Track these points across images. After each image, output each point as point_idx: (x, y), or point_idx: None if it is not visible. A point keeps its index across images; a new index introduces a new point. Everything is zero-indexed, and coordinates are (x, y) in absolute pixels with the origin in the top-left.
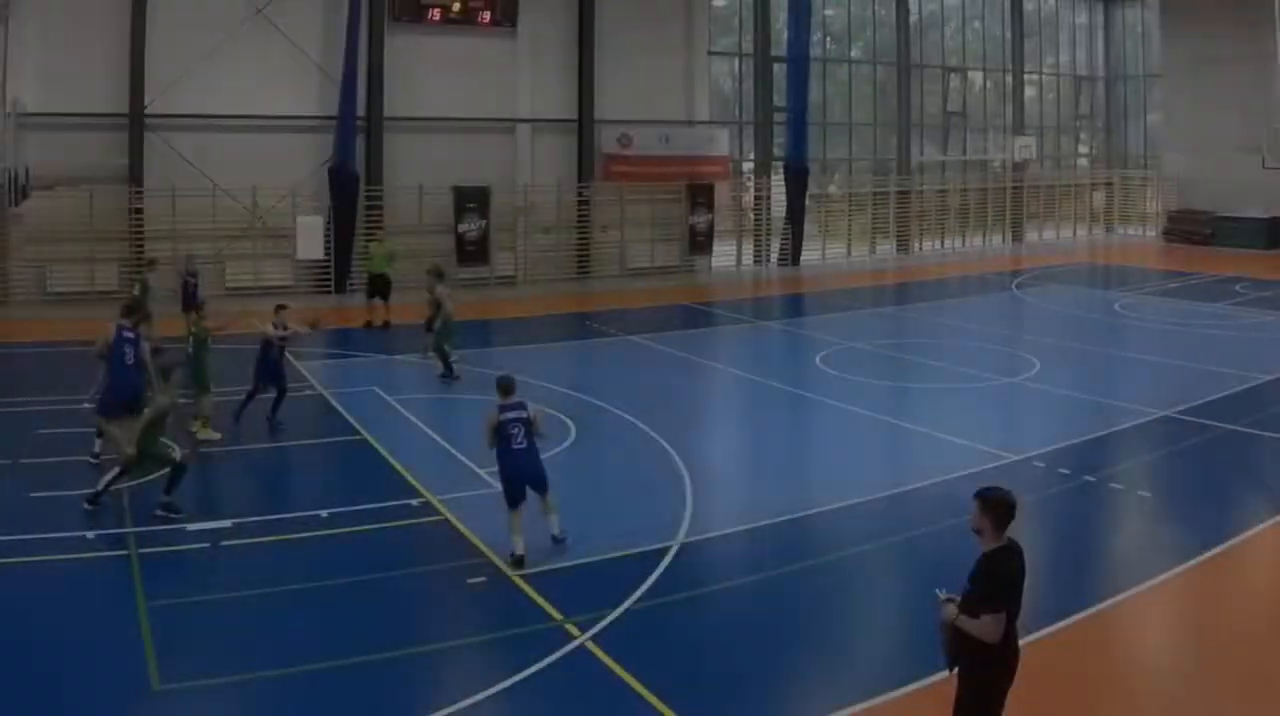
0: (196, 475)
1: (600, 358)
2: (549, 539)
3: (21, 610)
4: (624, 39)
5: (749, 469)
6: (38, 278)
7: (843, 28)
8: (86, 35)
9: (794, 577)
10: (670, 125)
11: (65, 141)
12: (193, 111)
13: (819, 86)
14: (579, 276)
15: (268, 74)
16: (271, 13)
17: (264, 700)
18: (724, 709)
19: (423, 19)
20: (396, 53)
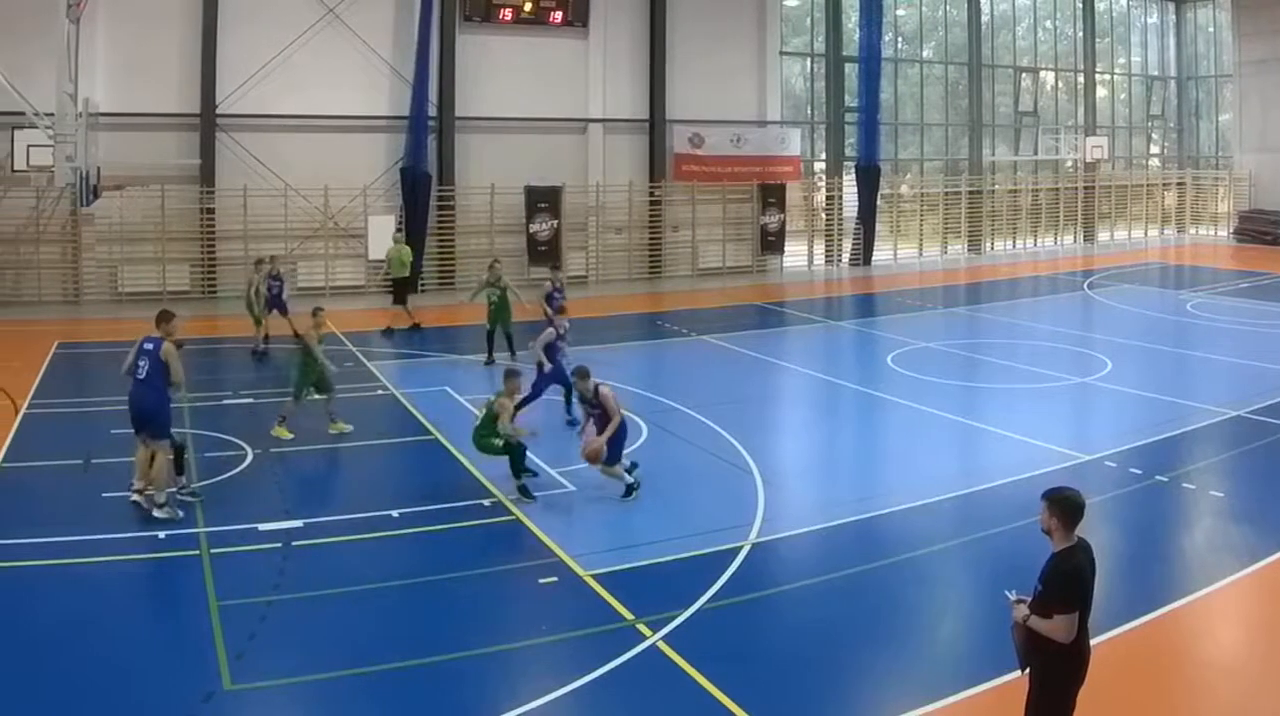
0: (268, 476)
1: (672, 357)
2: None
3: (95, 610)
4: (695, 38)
5: (820, 468)
6: (109, 277)
7: (914, 28)
8: (158, 35)
9: (865, 577)
10: (742, 125)
11: (136, 141)
12: (264, 112)
13: (891, 86)
14: (650, 276)
15: (339, 74)
16: (343, 13)
17: (335, 700)
18: (795, 709)
19: (494, 19)
20: (468, 52)
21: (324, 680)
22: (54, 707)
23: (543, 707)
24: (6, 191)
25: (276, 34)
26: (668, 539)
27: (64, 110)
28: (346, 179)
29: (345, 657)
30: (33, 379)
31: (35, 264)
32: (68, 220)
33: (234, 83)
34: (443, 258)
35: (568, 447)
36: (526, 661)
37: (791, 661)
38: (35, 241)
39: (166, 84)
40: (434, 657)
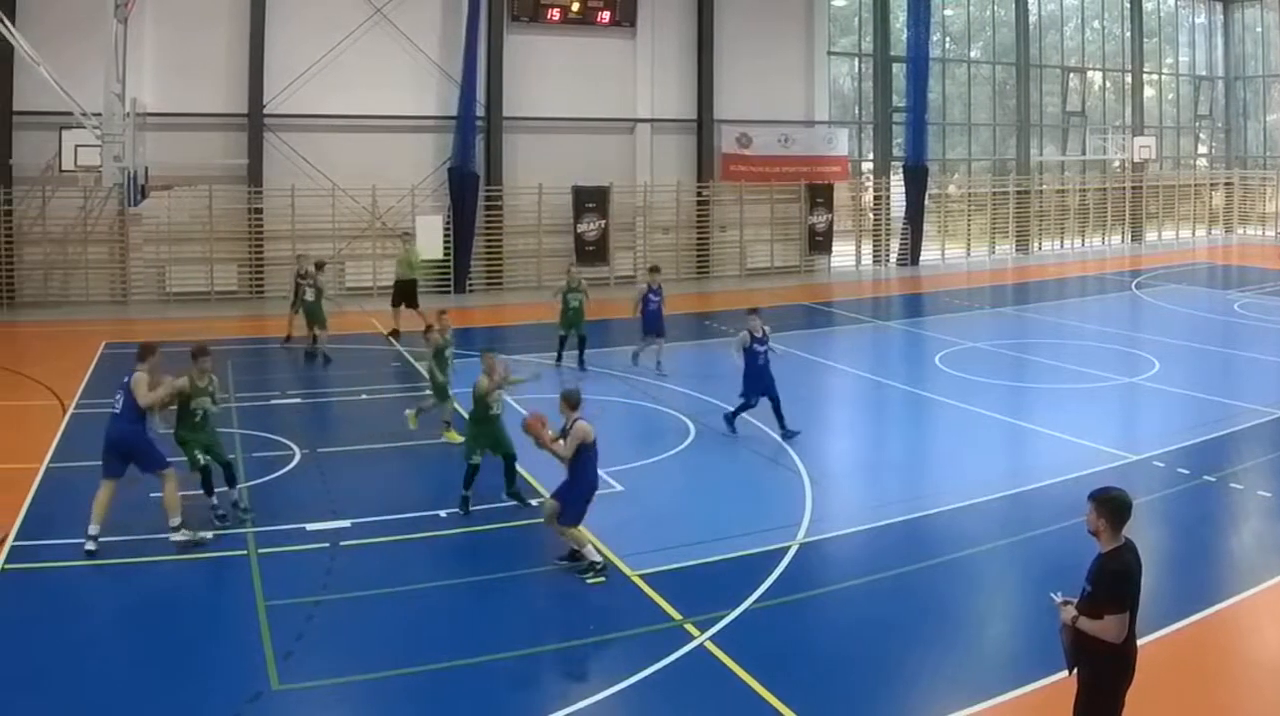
0: (316, 476)
1: (719, 358)
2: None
3: (144, 610)
4: (743, 39)
5: (868, 468)
6: (156, 277)
7: (962, 28)
8: (205, 35)
9: (913, 577)
10: (789, 125)
11: (184, 141)
12: (311, 111)
13: (938, 86)
14: (698, 276)
15: (387, 74)
16: (390, 12)
17: (383, 700)
18: (843, 709)
19: (542, 18)
20: (515, 52)
21: (371, 680)
22: (103, 707)
23: (590, 708)
24: (55, 191)
25: (324, 34)
26: (715, 539)
27: (112, 110)
28: (394, 179)
29: (393, 658)
30: (80, 379)
31: (83, 264)
32: (115, 220)
33: (281, 83)
34: (490, 258)
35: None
36: (574, 661)
37: (839, 661)
38: (83, 241)
39: (214, 84)
40: (481, 658)
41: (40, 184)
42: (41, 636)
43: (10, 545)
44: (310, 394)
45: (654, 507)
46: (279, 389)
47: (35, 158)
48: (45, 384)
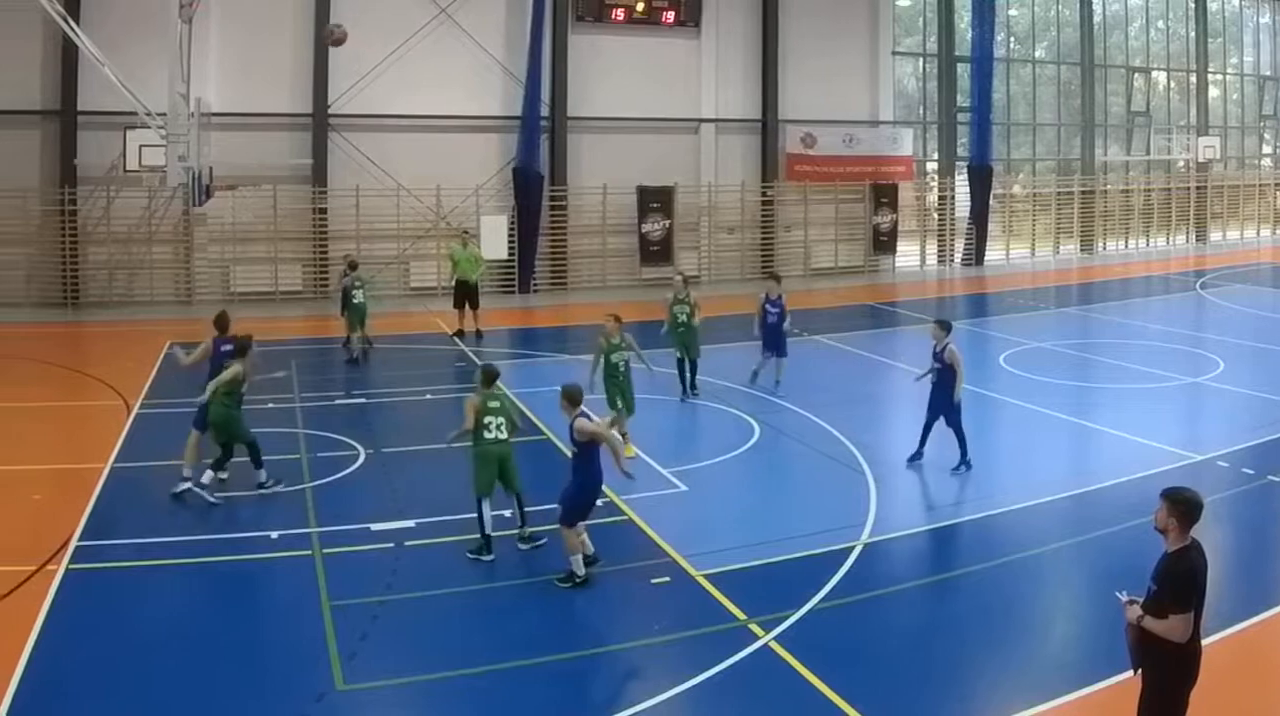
0: (381, 476)
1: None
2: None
3: (209, 610)
4: (808, 38)
5: (932, 468)
6: (221, 277)
7: (1026, 28)
8: (270, 35)
9: (978, 577)
10: (854, 125)
11: (248, 141)
12: (376, 111)
13: (1003, 86)
14: (763, 276)
15: (451, 74)
16: (455, 12)
17: (448, 700)
18: (908, 709)
19: (606, 18)
20: (580, 52)
21: (435, 680)
22: (168, 708)
23: (655, 707)
24: (119, 191)
25: (389, 34)
26: (780, 538)
27: (176, 110)
28: (458, 179)
29: (457, 658)
30: (145, 378)
31: (148, 264)
32: (180, 220)
33: (346, 82)
34: (554, 258)
35: (677, 448)
36: (639, 661)
37: (904, 661)
38: (147, 241)
39: (279, 84)
40: (546, 658)
41: (105, 184)
42: (106, 636)
43: (75, 545)
44: (375, 394)
45: (718, 508)
46: (343, 389)
47: (100, 158)
48: (109, 384)
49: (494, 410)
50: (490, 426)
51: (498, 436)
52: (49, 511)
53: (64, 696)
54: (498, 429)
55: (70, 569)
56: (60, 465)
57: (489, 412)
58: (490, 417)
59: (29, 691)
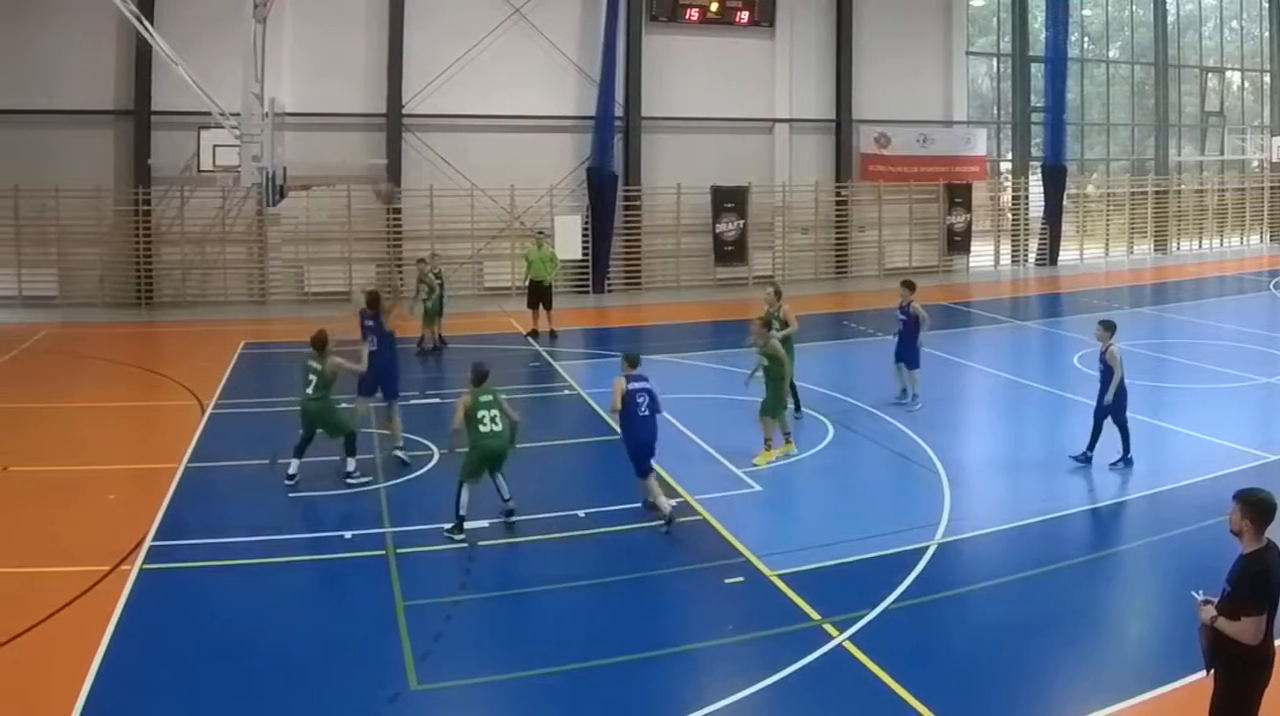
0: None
1: (858, 357)
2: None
3: (283, 610)
4: (882, 38)
5: (1006, 468)
6: (295, 277)
7: (1100, 28)
8: (344, 35)
9: (1051, 578)
10: (928, 125)
11: (322, 141)
12: (450, 111)
13: (1077, 86)
14: (837, 276)
15: (525, 74)
16: (529, 12)
17: (522, 700)
18: (982, 709)
19: (680, 18)
20: (654, 52)
21: (509, 680)
22: (241, 708)
23: (729, 707)
24: (193, 191)
25: (462, 34)
26: (854, 538)
27: (250, 110)
28: (532, 179)
29: (531, 658)
30: (219, 378)
31: (221, 264)
32: (254, 220)
33: (420, 82)
34: (628, 258)
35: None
36: (713, 661)
37: (978, 661)
38: (221, 241)
39: (353, 84)
40: (620, 657)
41: (179, 184)
42: (179, 636)
43: (149, 544)
44: (449, 394)
45: (792, 507)
46: (418, 389)
47: (174, 158)
48: (183, 384)
49: (486, 404)
50: (484, 420)
51: (493, 428)
52: (123, 511)
53: (138, 696)
54: (492, 422)
55: (144, 568)
56: (134, 465)
57: (481, 407)
58: (484, 412)
59: (103, 691)
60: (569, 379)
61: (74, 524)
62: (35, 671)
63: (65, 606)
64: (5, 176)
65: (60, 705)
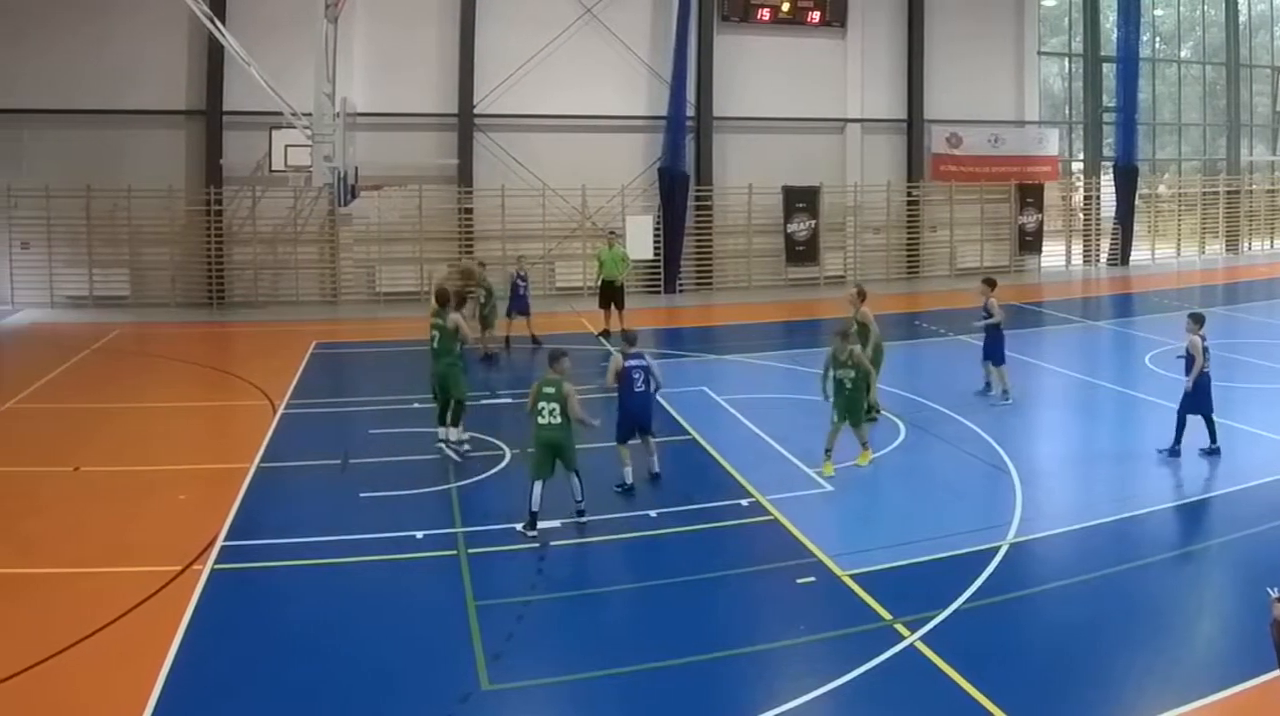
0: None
1: (929, 357)
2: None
3: (354, 610)
4: (953, 39)
5: (1078, 468)
6: (366, 278)
7: (1172, 28)
8: (415, 35)
9: (1123, 577)
10: (1000, 125)
11: (394, 141)
12: (521, 111)
13: (1148, 86)
14: (909, 276)
15: (597, 74)
16: (601, 12)
17: (594, 700)
18: (1054, 709)
19: (752, 18)
20: (725, 52)
21: (581, 680)
22: (312, 708)
23: (801, 708)
24: (265, 192)
25: (534, 33)
26: (925, 538)
27: (322, 110)
28: (604, 179)
29: (602, 658)
30: (290, 378)
31: (293, 264)
32: (325, 220)
33: (492, 82)
34: (700, 258)
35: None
36: (784, 661)
37: (1050, 661)
38: (293, 241)
39: (424, 84)
40: (691, 658)
41: (250, 184)
42: (251, 636)
43: (221, 544)
44: (520, 394)
45: (864, 507)
46: (489, 389)
47: (245, 158)
48: (255, 384)
49: (548, 396)
50: (543, 412)
51: (550, 421)
52: (195, 511)
53: (209, 695)
54: (550, 414)
55: (215, 568)
56: (206, 465)
57: (542, 398)
58: (543, 403)
59: (175, 691)
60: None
61: (145, 524)
62: (107, 671)
63: (137, 606)
64: (77, 176)
65: (132, 705)
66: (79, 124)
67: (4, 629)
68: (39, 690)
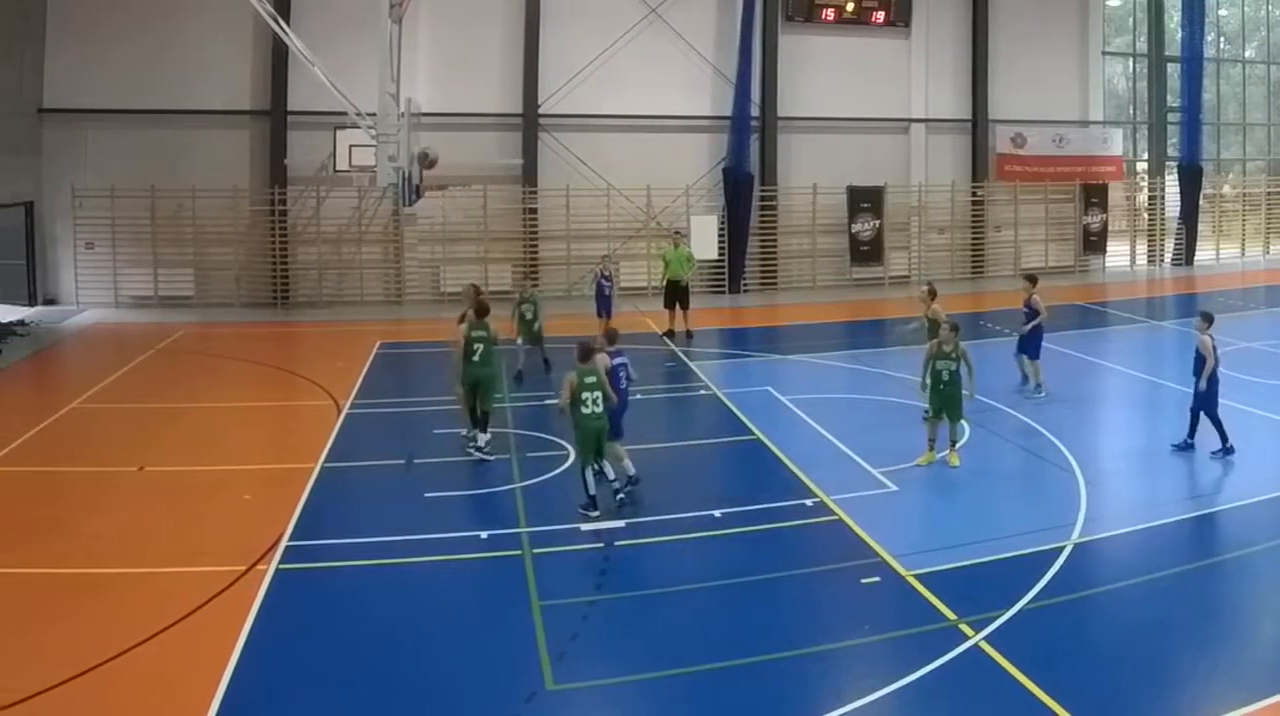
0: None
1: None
2: None
3: (419, 610)
4: (1018, 38)
5: (1143, 468)
6: (430, 277)
7: (1236, 27)
8: (480, 35)
9: (1189, 577)
10: (1064, 125)
11: (458, 141)
12: (586, 111)
13: (1213, 86)
14: (973, 276)
15: (661, 74)
16: (665, 12)
17: (658, 700)
18: (1119, 709)
19: (816, 18)
20: (790, 52)
21: (645, 680)
22: (377, 707)
23: (865, 707)
24: (329, 191)
25: (598, 34)
26: (990, 538)
27: (386, 110)
28: (668, 179)
29: (667, 658)
30: (355, 379)
31: (357, 264)
32: (389, 220)
33: (556, 82)
34: (764, 258)
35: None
36: (849, 661)
37: (1115, 662)
38: (357, 241)
39: (488, 84)
40: (756, 658)
41: (314, 184)
42: (315, 635)
43: (285, 544)
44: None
45: (928, 507)
46: (552, 389)
47: (309, 158)
48: (319, 384)
49: (590, 386)
50: (586, 402)
51: (594, 410)
52: (259, 511)
53: (273, 694)
54: (594, 403)
55: (280, 568)
56: (270, 465)
57: (585, 388)
58: (587, 393)
59: (240, 689)
60: (705, 379)
61: (210, 524)
62: (173, 671)
63: (202, 606)
64: (142, 177)
65: (197, 704)
66: (144, 124)
67: (71, 628)
68: (106, 689)
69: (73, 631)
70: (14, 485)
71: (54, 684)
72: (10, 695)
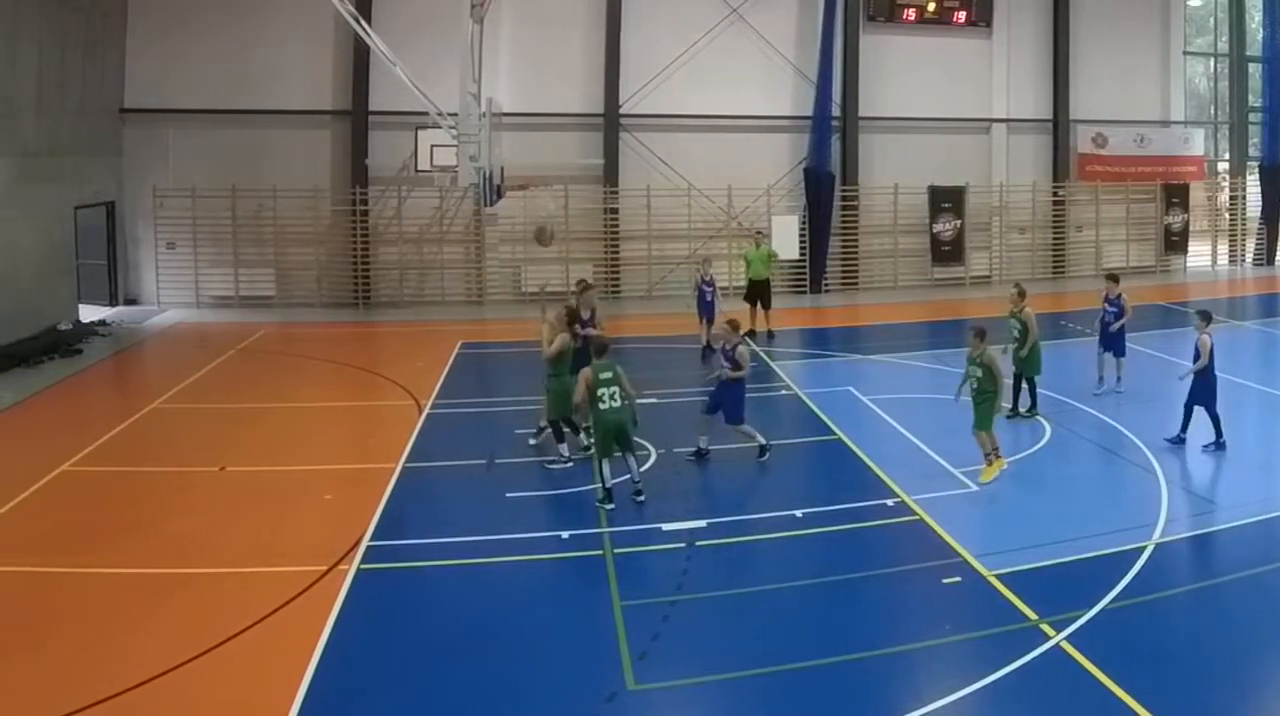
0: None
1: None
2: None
3: (500, 610)
4: (1099, 38)
5: (1225, 468)
6: (512, 277)
7: None
8: (561, 35)
9: (1272, 577)
10: (1145, 125)
11: (539, 141)
12: (667, 111)
13: None
14: (1054, 276)
15: (742, 74)
16: (746, 12)
17: (739, 700)
18: (1201, 710)
19: (897, 18)
20: (871, 52)
21: (726, 680)
22: (459, 707)
23: (947, 707)
24: (410, 191)
25: (679, 34)
26: (1071, 538)
27: (467, 110)
28: (749, 178)
29: (748, 658)
30: (436, 379)
31: (439, 264)
32: (471, 220)
33: (637, 82)
34: (845, 257)
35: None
36: (930, 661)
37: (1197, 662)
38: (438, 241)
39: (570, 84)
40: (836, 658)
41: (396, 184)
42: (396, 636)
43: (366, 544)
44: (666, 394)
45: (1009, 508)
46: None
47: (391, 158)
48: (401, 384)
49: (606, 381)
50: (603, 397)
51: (612, 406)
52: (341, 511)
53: (355, 694)
54: (611, 398)
55: (361, 568)
56: (352, 465)
57: (601, 384)
58: (603, 389)
59: (321, 689)
60: (786, 379)
61: (292, 524)
62: (254, 669)
63: (283, 606)
64: (223, 177)
65: (279, 704)
66: (224, 124)
67: (155, 627)
68: (189, 688)
69: (155, 631)
70: (96, 485)
71: (137, 682)
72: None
